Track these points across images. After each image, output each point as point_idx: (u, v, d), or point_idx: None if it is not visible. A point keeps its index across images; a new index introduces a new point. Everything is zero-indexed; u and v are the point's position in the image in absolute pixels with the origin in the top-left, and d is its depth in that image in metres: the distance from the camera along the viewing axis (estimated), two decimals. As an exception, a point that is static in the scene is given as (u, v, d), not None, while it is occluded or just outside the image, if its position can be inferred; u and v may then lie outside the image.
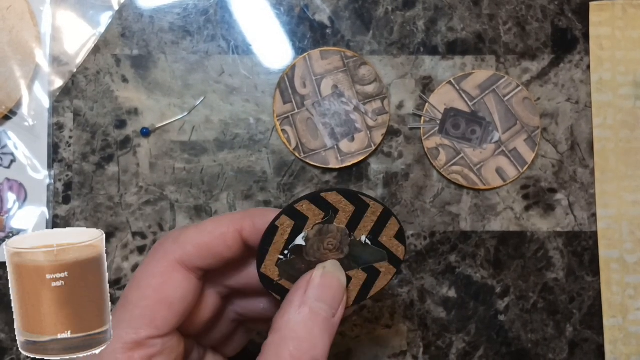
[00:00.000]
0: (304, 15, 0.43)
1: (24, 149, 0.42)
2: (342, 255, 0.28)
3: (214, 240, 0.27)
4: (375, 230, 0.28)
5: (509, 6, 0.43)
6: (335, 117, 0.43)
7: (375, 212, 0.28)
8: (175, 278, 0.27)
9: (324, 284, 0.27)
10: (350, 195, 0.28)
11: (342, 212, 0.28)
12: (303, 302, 0.26)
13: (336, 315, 0.27)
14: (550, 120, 0.43)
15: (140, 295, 0.26)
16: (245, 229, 0.28)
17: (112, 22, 0.43)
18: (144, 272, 0.27)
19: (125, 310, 0.26)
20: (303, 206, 0.28)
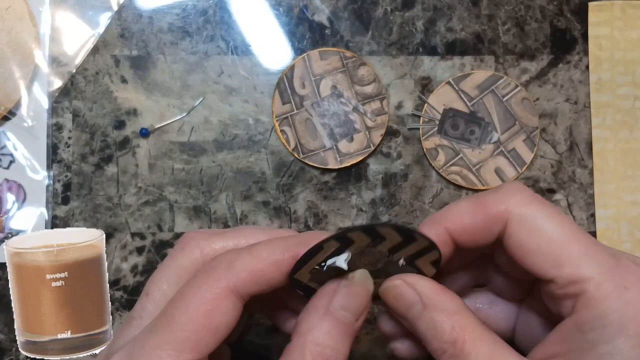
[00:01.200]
0: (303, 15, 0.43)
1: (23, 150, 0.42)
2: (374, 268, 0.28)
3: (268, 267, 0.27)
4: (413, 256, 0.28)
5: (507, 6, 0.43)
6: (334, 118, 0.43)
7: (420, 244, 0.28)
8: (225, 306, 0.26)
9: (351, 293, 0.27)
10: (404, 231, 0.27)
11: (389, 241, 0.28)
12: (328, 310, 0.26)
13: (359, 321, 0.27)
14: (549, 120, 0.43)
15: (188, 319, 0.25)
16: (301, 255, 0.27)
17: (111, 22, 0.43)
18: (195, 295, 0.26)
19: (170, 330, 0.25)
20: (354, 234, 0.27)
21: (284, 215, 0.43)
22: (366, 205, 0.43)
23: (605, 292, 0.24)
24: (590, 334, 0.25)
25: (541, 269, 0.26)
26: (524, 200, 0.27)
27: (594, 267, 0.25)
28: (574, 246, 0.26)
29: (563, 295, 0.26)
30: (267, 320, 0.42)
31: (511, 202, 0.27)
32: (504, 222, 0.27)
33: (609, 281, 0.25)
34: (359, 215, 0.43)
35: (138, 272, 0.42)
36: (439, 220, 0.28)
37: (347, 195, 0.43)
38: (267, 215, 0.43)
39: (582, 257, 0.25)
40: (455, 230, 0.28)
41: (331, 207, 0.43)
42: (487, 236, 0.27)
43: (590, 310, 0.25)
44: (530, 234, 0.26)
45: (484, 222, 0.27)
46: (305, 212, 0.43)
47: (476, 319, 0.26)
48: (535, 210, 0.26)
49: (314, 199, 0.43)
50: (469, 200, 0.28)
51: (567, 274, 0.25)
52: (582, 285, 0.25)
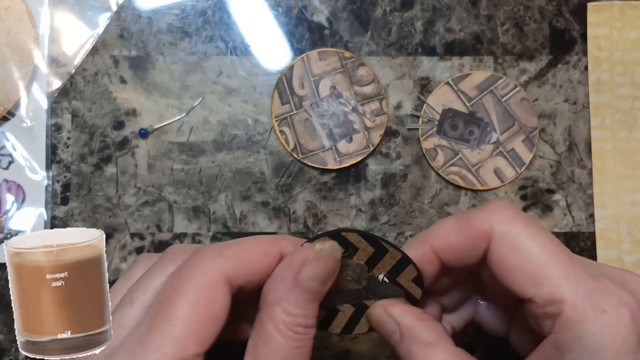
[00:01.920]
0: (302, 16, 0.43)
1: (22, 150, 0.42)
2: (360, 286, 0.29)
3: (257, 256, 0.27)
4: (393, 271, 0.29)
5: (506, 7, 0.43)
6: (334, 118, 0.43)
7: (394, 257, 0.29)
8: (222, 293, 0.26)
9: (320, 264, 0.27)
10: (370, 238, 0.28)
11: (362, 251, 0.28)
12: (296, 281, 0.26)
13: (326, 286, 0.27)
14: (548, 120, 0.43)
15: (188, 311, 0.25)
16: (285, 250, 0.27)
17: (110, 23, 0.43)
18: (188, 286, 0.26)
19: (169, 325, 0.25)
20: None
21: (283, 216, 0.43)
22: (365, 205, 0.43)
23: (582, 315, 0.25)
24: (568, 355, 0.25)
25: (521, 288, 0.26)
26: (507, 218, 0.27)
27: (572, 289, 0.25)
28: (553, 266, 0.26)
29: (542, 315, 0.26)
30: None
31: (494, 220, 0.27)
32: (487, 240, 0.27)
33: (586, 303, 0.25)
34: (358, 215, 0.43)
35: (137, 273, 0.42)
36: (424, 240, 0.29)
37: (346, 196, 0.43)
38: (266, 216, 0.43)
39: (561, 278, 0.25)
40: (441, 248, 0.28)
41: (330, 207, 0.43)
42: (473, 254, 0.28)
43: (567, 332, 0.25)
44: (511, 251, 0.26)
45: (468, 240, 0.27)
46: (305, 213, 0.43)
47: (454, 350, 0.27)
48: (518, 229, 0.27)
49: (313, 200, 0.43)
50: (454, 219, 0.28)
51: (546, 293, 0.25)
52: (560, 306, 0.25)
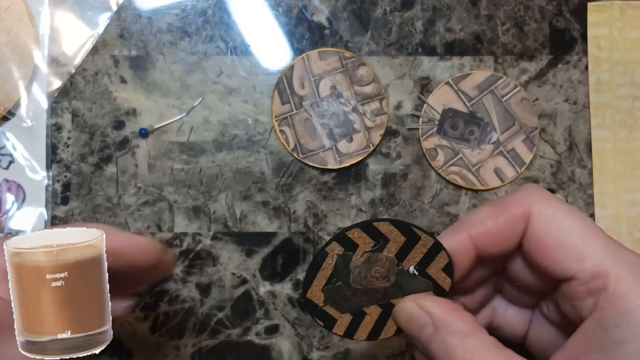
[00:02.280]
0: (302, 16, 0.43)
1: (23, 150, 0.42)
2: (389, 283, 0.28)
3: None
4: (424, 262, 0.28)
5: (507, 7, 0.43)
6: (334, 118, 0.43)
7: (425, 244, 0.28)
8: None
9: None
10: (403, 227, 0.28)
11: (393, 242, 0.28)
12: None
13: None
14: (548, 120, 0.43)
15: None
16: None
17: (110, 23, 0.43)
18: None
19: None
20: (354, 234, 0.27)
21: (283, 215, 0.43)
22: (365, 205, 0.43)
23: (627, 287, 0.24)
24: (614, 331, 0.24)
25: (562, 265, 0.26)
26: (543, 198, 0.27)
27: (616, 262, 0.25)
28: (594, 240, 0.25)
29: (585, 292, 0.25)
30: (267, 320, 0.42)
31: (531, 201, 0.27)
32: (525, 221, 0.27)
33: (631, 276, 0.24)
34: (358, 215, 0.43)
35: (137, 273, 0.42)
36: (460, 228, 0.28)
37: (346, 196, 0.43)
38: (266, 216, 0.43)
39: (604, 251, 0.25)
40: (479, 235, 0.28)
41: (331, 207, 0.43)
42: (511, 238, 0.27)
43: (613, 306, 0.24)
44: (551, 228, 0.26)
45: (506, 223, 0.27)
46: (305, 212, 0.43)
47: (490, 339, 0.26)
48: (556, 207, 0.26)
49: (313, 199, 0.43)
50: (488, 205, 0.28)
51: (590, 268, 0.25)
52: (605, 279, 0.25)
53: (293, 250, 0.43)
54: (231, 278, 0.43)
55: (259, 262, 0.42)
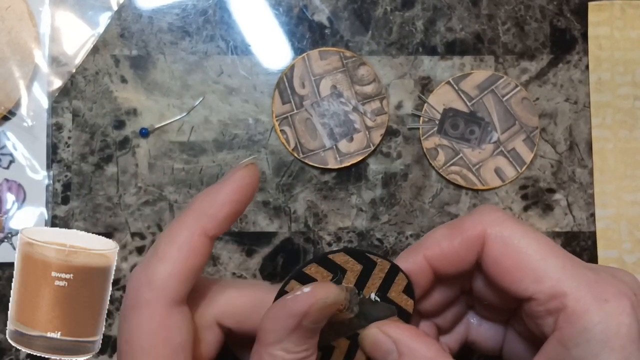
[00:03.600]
0: (302, 15, 0.43)
1: (23, 150, 0.42)
2: (353, 314, 0.28)
3: (186, 261, 0.26)
4: (383, 287, 0.28)
5: (507, 6, 0.43)
6: (334, 118, 0.43)
7: (383, 269, 0.28)
8: (174, 322, 0.26)
9: (323, 312, 0.26)
10: (358, 255, 0.28)
11: (350, 272, 0.28)
12: (298, 326, 0.25)
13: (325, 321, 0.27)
14: (548, 120, 0.43)
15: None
16: (209, 227, 0.26)
17: (111, 22, 0.43)
18: (140, 333, 0.26)
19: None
20: (311, 269, 0.27)
21: (283, 215, 0.43)
22: (366, 205, 0.43)
23: (585, 306, 0.24)
24: (574, 350, 0.24)
25: (520, 287, 0.26)
26: (499, 219, 0.27)
27: (573, 281, 0.25)
28: (551, 260, 0.26)
29: (544, 313, 0.26)
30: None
31: (486, 222, 0.27)
32: (481, 243, 0.27)
33: (588, 294, 0.25)
34: (358, 215, 0.43)
35: (138, 272, 0.42)
36: (415, 249, 0.28)
37: (347, 195, 0.43)
38: (266, 215, 0.43)
39: (560, 271, 0.25)
40: (434, 256, 0.28)
41: (331, 207, 0.43)
42: (466, 259, 0.27)
43: (572, 326, 0.24)
44: (507, 251, 0.26)
45: (461, 245, 0.27)
46: (305, 212, 0.43)
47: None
48: (511, 228, 0.26)
49: (313, 199, 0.43)
50: (445, 226, 0.28)
51: (547, 288, 0.25)
52: (562, 300, 0.25)
53: (293, 250, 0.43)
54: (231, 278, 0.43)
55: (260, 262, 0.42)
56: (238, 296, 0.27)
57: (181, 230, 0.26)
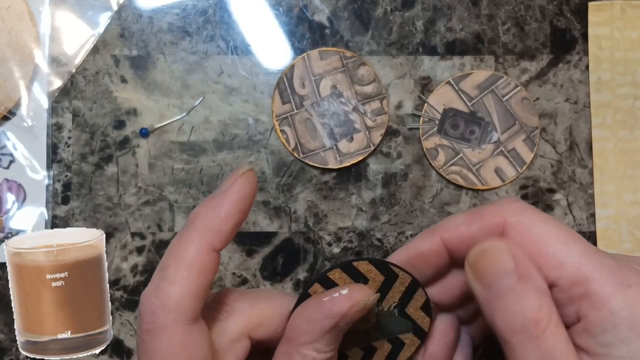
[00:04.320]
0: (302, 15, 0.43)
1: (23, 150, 0.42)
2: (369, 325, 0.28)
3: (197, 280, 0.26)
4: (402, 301, 0.28)
5: (507, 6, 0.43)
6: (334, 118, 0.43)
7: (403, 282, 0.28)
8: (192, 344, 0.26)
9: (358, 314, 0.26)
10: (381, 265, 0.28)
11: (372, 282, 0.28)
12: (333, 328, 0.26)
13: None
14: (549, 120, 0.43)
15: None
16: (216, 242, 0.26)
17: (111, 22, 0.43)
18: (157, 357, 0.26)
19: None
20: (335, 274, 0.27)
21: (284, 215, 0.43)
22: (366, 205, 0.43)
23: (610, 291, 0.24)
24: (601, 337, 0.24)
25: (542, 273, 0.25)
26: (519, 209, 0.27)
27: (596, 266, 0.25)
28: (573, 246, 0.25)
29: (566, 300, 0.25)
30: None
31: (507, 212, 0.27)
32: (500, 231, 0.27)
33: (611, 279, 0.24)
34: (358, 215, 0.43)
35: (138, 272, 0.42)
36: (434, 231, 0.28)
37: (347, 195, 0.43)
38: (267, 215, 0.43)
39: (582, 256, 0.25)
40: (451, 239, 0.28)
41: (331, 206, 0.43)
42: None
43: (597, 312, 0.24)
44: (527, 238, 0.26)
45: (479, 231, 0.27)
46: (305, 212, 0.43)
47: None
48: (532, 216, 0.26)
49: (314, 199, 0.43)
50: (465, 213, 0.28)
51: (569, 274, 0.25)
52: (586, 285, 0.24)
53: (293, 250, 0.43)
54: (232, 278, 0.43)
55: (260, 261, 0.42)
56: (267, 308, 0.28)
57: (188, 247, 0.26)
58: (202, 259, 0.26)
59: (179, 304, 0.25)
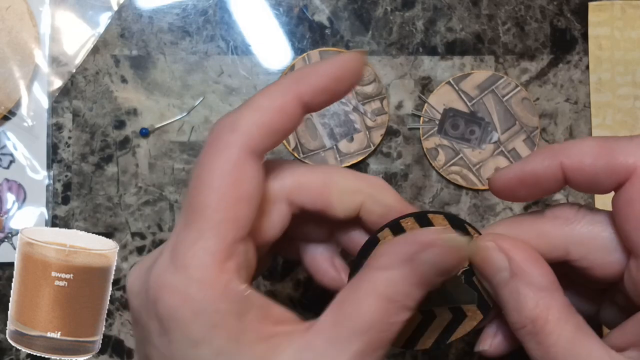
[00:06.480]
0: (303, 15, 0.43)
1: (23, 150, 0.42)
2: (433, 287, 0.26)
3: (274, 116, 0.24)
4: (471, 268, 0.26)
5: (507, 6, 0.43)
6: (334, 118, 0.43)
7: None
8: (247, 170, 0.24)
9: (443, 254, 0.24)
10: (456, 223, 0.26)
11: None
12: (411, 258, 0.23)
13: (440, 279, 0.24)
14: (549, 120, 0.43)
15: (218, 197, 0.23)
16: (304, 92, 0.25)
17: (111, 22, 0.43)
18: (212, 170, 0.24)
19: (203, 217, 0.23)
20: (408, 223, 0.26)
21: (284, 215, 0.43)
22: (366, 205, 0.43)
23: None
24: None
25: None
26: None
27: None
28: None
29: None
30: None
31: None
32: (627, 175, 0.24)
33: None
34: (359, 215, 0.43)
35: (138, 272, 0.42)
36: (555, 153, 0.25)
37: (347, 195, 0.43)
38: (267, 215, 0.43)
39: None
40: (572, 167, 0.25)
41: (331, 207, 0.43)
42: (604, 184, 0.25)
43: None
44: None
45: (605, 168, 0.25)
46: (306, 212, 0.43)
47: (564, 300, 0.24)
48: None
49: (314, 199, 0.43)
50: (595, 141, 0.25)
51: None
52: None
53: (294, 250, 0.42)
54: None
55: (260, 261, 0.42)
56: (309, 174, 0.26)
57: (276, 88, 0.25)
58: (285, 101, 0.24)
59: (250, 129, 0.24)
